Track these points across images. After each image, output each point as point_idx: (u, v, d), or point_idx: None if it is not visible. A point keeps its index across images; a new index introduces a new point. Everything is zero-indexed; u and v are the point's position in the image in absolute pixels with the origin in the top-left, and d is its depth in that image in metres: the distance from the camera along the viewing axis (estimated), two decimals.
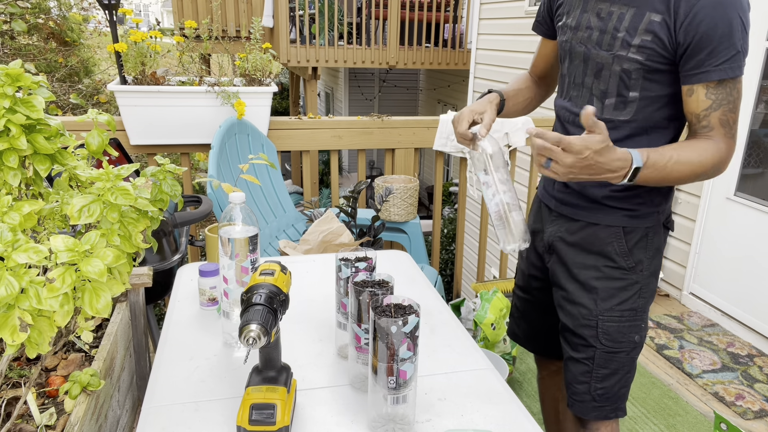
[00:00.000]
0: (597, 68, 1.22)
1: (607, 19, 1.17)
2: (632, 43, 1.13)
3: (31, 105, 0.84)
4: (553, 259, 1.36)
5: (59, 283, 0.74)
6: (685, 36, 1.06)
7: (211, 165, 2.12)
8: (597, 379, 1.29)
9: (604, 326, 1.26)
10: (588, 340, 1.28)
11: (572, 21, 1.26)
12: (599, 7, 1.19)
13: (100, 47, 5.26)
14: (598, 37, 1.20)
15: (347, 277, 1.06)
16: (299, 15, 6.76)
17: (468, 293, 5.07)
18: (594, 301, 1.26)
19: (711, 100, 1.09)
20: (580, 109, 1.25)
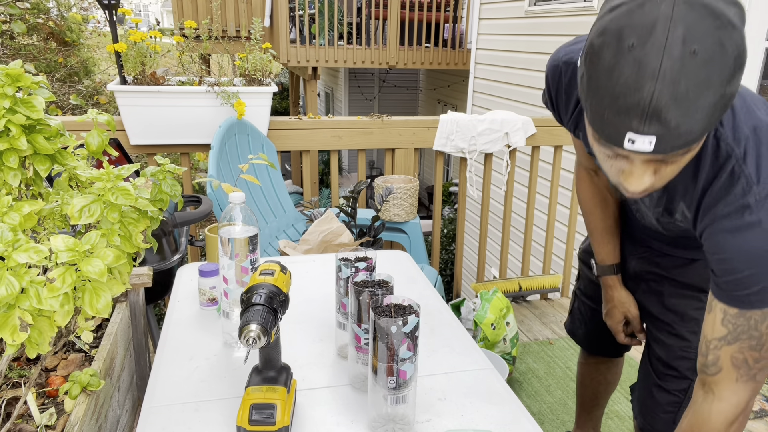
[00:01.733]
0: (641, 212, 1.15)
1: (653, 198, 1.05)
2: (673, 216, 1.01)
3: (31, 105, 0.84)
4: (642, 288, 1.30)
5: (59, 283, 0.74)
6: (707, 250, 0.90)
7: (211, 165, 2.12)
8: (684, 410, 1.19)
9: None
10: (683, 373, 1.21)
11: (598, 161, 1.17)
12: None
13: (100, 47, 5.26)
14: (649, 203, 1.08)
15: (347, 277, 1.06)
16: (299, 15, 6.76)
17: (468, 293, 5.07)
18: (694, 333, 1.17)
19: (727, 329, 0.88)
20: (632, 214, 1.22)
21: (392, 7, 6.68)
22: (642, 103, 0.69)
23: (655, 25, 0.68)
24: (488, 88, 5.66)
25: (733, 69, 0.69)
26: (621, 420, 2.16)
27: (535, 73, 4.78)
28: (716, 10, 0.68)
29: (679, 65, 0.67)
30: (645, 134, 0.71)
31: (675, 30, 0.67)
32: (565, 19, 4.36)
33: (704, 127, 0.71)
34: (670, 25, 0.67)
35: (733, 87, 0.71)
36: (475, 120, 2.83)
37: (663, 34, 0.67)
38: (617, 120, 0.72)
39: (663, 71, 0.67)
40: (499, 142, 2.89)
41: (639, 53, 0.68)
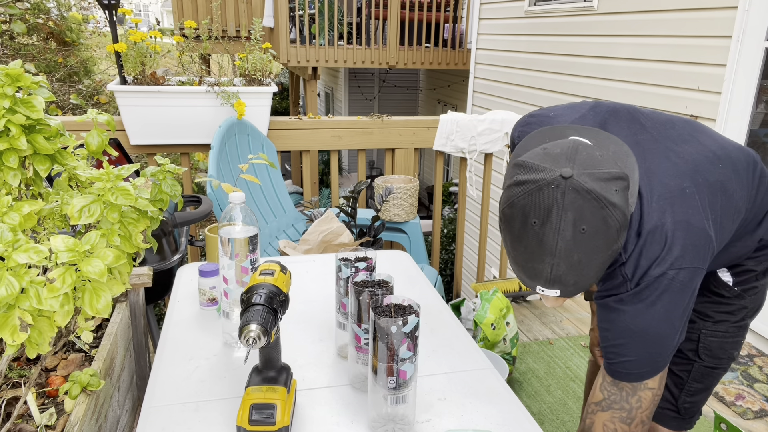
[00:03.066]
0: None
1: None
2: None
3: (31, 105, 0.84)
4: None
5: (59, 283, 0.74)
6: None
7: (211, 165, 2.12)
8: (688, 393, 1.26)
9: (706, 341, 1.22)
10: (686, 354, 1.24)
11: None
12: None
13: (100, 47, 5.26)
14: None
15: (347, 277, 1.06)
16: (299, 15, 6.76)
17: (468, 293, 5.07)
18: (697, 316, 1.21)
19: (603, 395, 1.01)
20: None
21: (392, 7, 6.68)
22: (544, 273, 0.86)
23: (551, 210, 0.83)
24: (488, 88, 5.66)
25: (616, 234, 0.86)
26: None
27: (535, 73, 4.78)
28: (599, 194, 0.83)
29: (571, 243, 0.84)
30: (549, 289, 0.89)
31: (566, 215, 0.83)
32: (565, 19, 4.36)
33: (597, 277, 0.88)
34: (562, 211, 0.83)
35: (619, 243, 0.87)
36: (475, 120, 2.83)
37: (557, 218, 0.83)
38: (527, 279, 0.90)
39: (558, 249, 0.84)
40: (499, 142, 2.89)
41: (539, 231, 0.84)
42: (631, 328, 0.95)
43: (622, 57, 3.69)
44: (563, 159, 0.86)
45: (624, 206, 0.86)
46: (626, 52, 3.68)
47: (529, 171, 0.87)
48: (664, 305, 0.94)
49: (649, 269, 0.94)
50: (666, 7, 3.33)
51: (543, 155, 0.88)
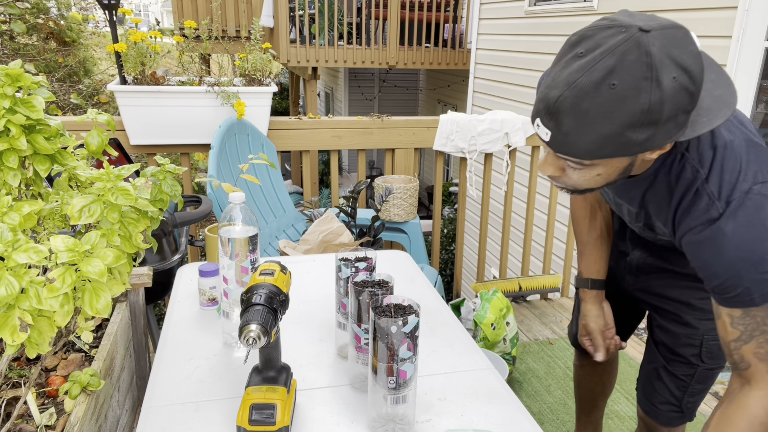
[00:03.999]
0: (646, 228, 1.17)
1: (618, 206, 1.14)
2: (654, 231, 1.10)
3: (31, 105, 0.84)
4: (642, 280, 1.33)
5: (59, 283, 0.74)
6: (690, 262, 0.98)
7: (211, 165, 2.12)
8: (691, 393, 1.28)
9: (709, 345, 1.22)
10: (689, 359, 1.25)
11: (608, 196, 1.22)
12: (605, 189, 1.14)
13: (100, 47, 5.26)
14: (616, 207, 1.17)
15: (347, 277, 1.06)
16: (299, 15, 6.76)
17: (468, 293, 5.07)
18: (699, 320, 1.21)
19: (739, 330, 0.93)
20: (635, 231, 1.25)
21: (392, 7, 6.68)
22: (551, 99, 0.79)
23: (600, 47, 0.76)
24: (488, 88, 5.66)
25: (639, 119, 0.76)
26: (621, 420, 2.16)
27: (535, 73, 4.78)
28: (654, 64, 0.74)
29: (592, 87, 0.75)
30: (544, 126, 0.82)
31: (609, 59, 0.75)
32: (565, 19, 4.36)
33: (590, 151, 0.80)
34: (608, 53, 0.75)
35: (638, 136, 0.78)
36: (475, 120, 2.83)
37: (599, 57, 0.75)
38: (537, 103, 0.83)
39: (577, 84, 0.76)
40: (499, 142, 2.89)
41: (575, 62, 0.78)
42: (739, 254, 0.88)
43: None
44: (656, 19, 0.77)
45: (669, 100, 0.75)
46: None
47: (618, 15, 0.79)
48: (762, 221, 0.87)
49: (737, 184, 0.88)
50: (666, 7, 3.33)
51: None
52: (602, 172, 0.88)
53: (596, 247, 1.36)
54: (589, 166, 0.86)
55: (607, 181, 0.91)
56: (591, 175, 0.89)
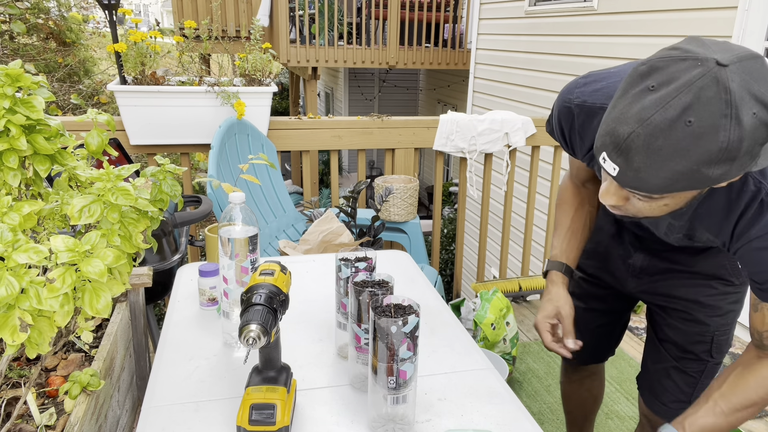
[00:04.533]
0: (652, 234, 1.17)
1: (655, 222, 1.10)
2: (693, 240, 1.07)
3: (31, 105, 0.84)
4: (646, 282, 1.31)
5: (59, 283, 0.74)
6: (743, 266, 0.99)
7: (211, 165, 2.12)
8: (700, 389, 1.28)
9: (718, 341, 1.24)
10: (700, 356, 1.26)
11: None
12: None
13: (100, 47, 5.26)
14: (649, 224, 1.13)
15: (347, 277, 1.06)
16: (299, 15, 6.76)
17: (468, 293, 5.07)
18: (710, 317, 1.22)
19: None
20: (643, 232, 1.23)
21: (392, 7, 6.68)
22: (621, 136, 0.76)
23: (675, 82, 0.72)
24: (488, 88, 5.66)
25: (716, 156, 0.72)
26: (621, 420, 2.16)
27: (535, 73, 4.78)
28: (734, 101, 0.70)
29: (667, 124, 0.72)
30: (611, 161, 0.78)
31: (685, 95, 0.71)
32: (565, 19, 4.36)
33: (662, 186, 0.77)
34: (685, 89, 0.71)
35: (713, 172, 0.74)
36: (475, 120, 2.83)
37: (674, 92, 0.72)
38: (603, 136, 0.80)
39: (650, 121, 0.73)
40: (499, 142, 2.89)
41: (647, 96, 0.74)
42: None
43: (622, 57, 3.68)
44: (732, 50, 0.74)
45: (748, 137, 0.72)
46: (626, 52, 3.68)
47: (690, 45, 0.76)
48: None
49: None
50: (666, 7, 3.33)
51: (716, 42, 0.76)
52: (670, 203, 0.85)
53: (576, 237, 1.31)
54: (657, 199, 0.83)
55: (672, 210, 0.88)
56: (657, 206, 0.86)
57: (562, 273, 1.27)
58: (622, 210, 0.91)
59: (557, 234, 1.32)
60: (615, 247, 1.35)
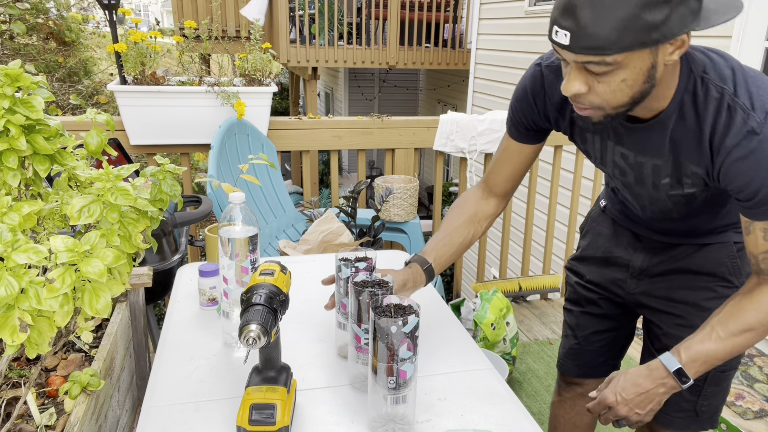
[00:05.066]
0: (649, 198, 1.14)
1: (639, 168, 1.08)
2: (681, 183, 1.05)
3: (31, 105, 0.84)
4: (646, 283, 1.29)
5: (59, 283, 0.74)
6: (728, 187, 0.97)
7: (211, 165, 2.12)
8: (704, 397, 1.24)
9: None
10: None
11: (595, 152, 1.15)
12: (622, 153, 1.09)
13: (100, 47, 5.26)
14: (635, 180, 1.11)
15: (347, 277, 1.06)
16: (299, 15, 6.76)
17: (468, 293, 5.07)
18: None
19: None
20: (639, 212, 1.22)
21: (392, 7, 6.68)
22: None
23: None
24: (488, 88, 5.66)
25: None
26: None
27: None
28: None
29: None
30: (562, 28, 0.84)
31: None
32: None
33: (610, 39, 0.82)
34: None
35: (653, 17, 0.80)
36: (475, 120, 2.83)
37: None
38: (553, 11, 0.87)
39: None
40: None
41: None
42: None
43: None
44: None
45: None
46: None
47: None
48: None
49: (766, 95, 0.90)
50: None
51: None
52: (627, 77, 0.88)
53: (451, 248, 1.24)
54: (613, 68, 0.86)
55: (632, 90, 0.90)
56: (616, 83, 0.88)
57: (423, 270, 1.18)
58: (587, 102, 0.93)
59: (438, 234, 1.27)
60: (614, 250, 1.34)
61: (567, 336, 1.50)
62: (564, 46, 0.86)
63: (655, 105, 0.98)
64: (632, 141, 1.05)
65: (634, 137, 1.04)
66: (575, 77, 0.90)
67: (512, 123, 1.21)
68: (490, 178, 1.30)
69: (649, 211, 1.20)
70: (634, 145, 1.06)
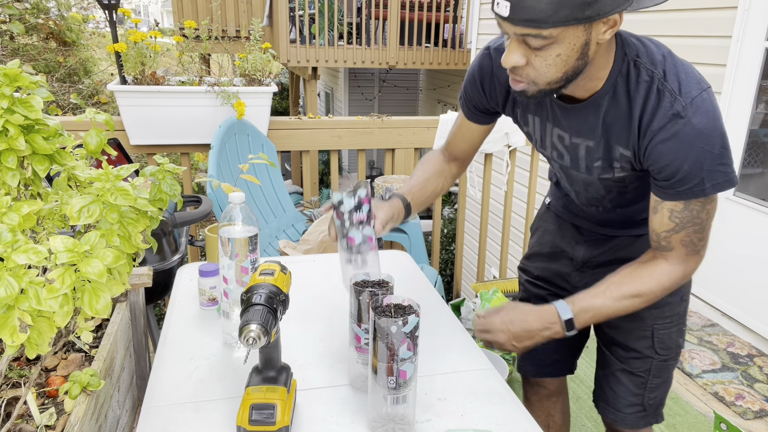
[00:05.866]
0: (584, 183, 1.19)
1: (574, 150, 1.13)
2: (612, 167, 1.09)
3: (30, 105, 0.83)
4: (588, 276, 1.31)
5: (59, 283, 0.74)
6: (650, 167, 1.03)
7: (211, 165, 2.12)
8: (650, 389, 1.28)
9: (659, 335, 1.24)
10: (643, 352, 1.26)
11: (536, 134, 1.20)
12: (559, 134, 1.13)
13: (100, 47, 5.26)
14: (571, 162, 1.16)
15: (350, 210, 1.07)
16: (299, 15, 6.76)
17: (468, 293, 5.07)
18: (646, 310, 1.20)
19: (675, 222, 1.04)
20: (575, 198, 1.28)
21: (392, 7, 6.68)
22: None
23: None
24: None
25: None
26: None
27: None
28: None
29: None
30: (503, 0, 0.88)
31: None
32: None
33: (546, 12, 0.85)
34: None
35: None
36: None
37: None
38: None
39: None
40: (499, 142, 2.89)
41: None
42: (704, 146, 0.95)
43: None
44: None
45: None
46: None
47: None
48: (718, 117, 0.96)
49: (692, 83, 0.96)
50: (666, 7, 3.33)
51: None
52: (562, 52, 0.91)
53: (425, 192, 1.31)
54: (549, 42, 0.89)
55: (566, 66, 0.93)
56: (552, 57, 0.92)
57: (403, 206, 1.25)
58: (523, 75, 0.96)
59: (413, 179, 1.33)
60: (558, 244, 1.39)
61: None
62: (504, 17, 0.90)
63: (590, 85, 1.02)
64: (568, 121, 1.09)
65: (571, 117, 1.08)
66: (515, 49, 0.94)
67: (464, 103, 1.27)
68: (449, 148, 1.37)
69: (584, 197, 1.24)
70: (570, 125, 1.10)
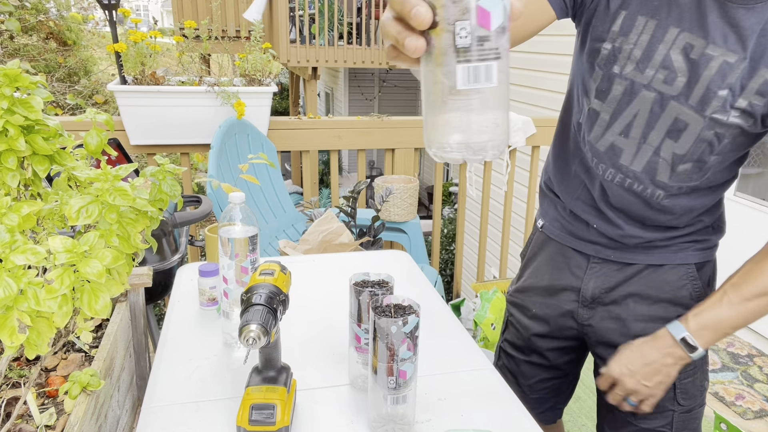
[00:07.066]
0: (675, 126, 0.90)
1: (701, 65, 0.85)
2: (736, 105, 0.84)
3: (30, 105, 0.83)
4: (599, 314, 1.12)
5: (58, 284, 0.74)
6: None
7: (210, 165, 2.12)
8: None
9: (682, 385, 1.06)
10: (663, 404, 1.06)
11: (635, 49, 0.90)
12: (688, 42, 0.85)
13: (100, 47, 5.26)
14: (684, 86, 0.87)
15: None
16: (299, 15, 6.76)
17: (468, 293, 5.07)
18: None
19: None
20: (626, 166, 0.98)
21: None
22: None
23: None
24: None
25: None
26: None
27: (535, 73, 4.78)
28: None
29: None
30: None
31: None
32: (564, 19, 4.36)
33: None
34: None
35: None
36: None
37: None
38: None
39: None
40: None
41: None
42: None
43: None
44: None
45: None
46: None
47: None
48: None
49: None
50: None
51: None
52: None
53: None
54: None
55: None
56: None
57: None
58: None
59: None
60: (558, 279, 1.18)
61: (509, 381, 1.26)
62: None
63: None
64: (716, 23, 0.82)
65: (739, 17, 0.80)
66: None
67: None
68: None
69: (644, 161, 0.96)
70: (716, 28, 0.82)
